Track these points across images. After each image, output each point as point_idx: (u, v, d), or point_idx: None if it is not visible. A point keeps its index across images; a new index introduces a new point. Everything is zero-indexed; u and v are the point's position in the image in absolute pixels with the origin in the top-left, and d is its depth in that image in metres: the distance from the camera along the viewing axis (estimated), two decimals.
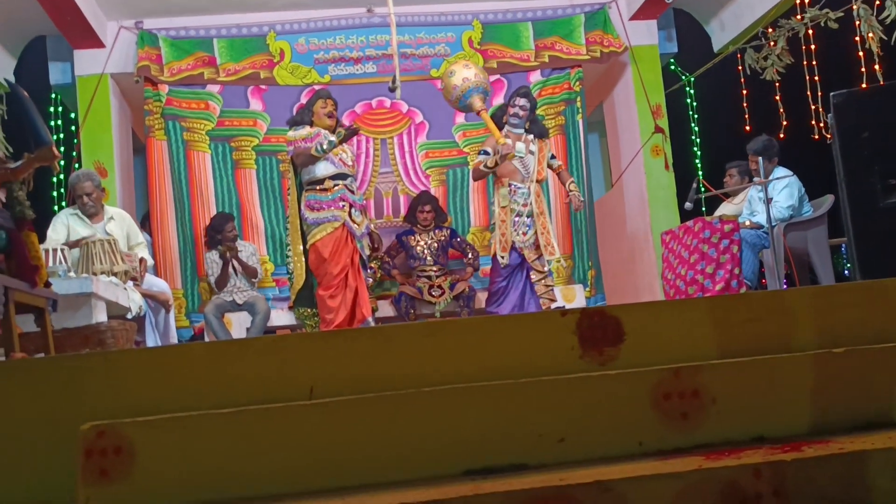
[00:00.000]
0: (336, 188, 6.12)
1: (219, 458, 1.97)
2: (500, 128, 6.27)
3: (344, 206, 6.11)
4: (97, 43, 7.40)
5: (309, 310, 6.38)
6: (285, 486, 1.96)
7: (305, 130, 6.13)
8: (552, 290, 6.41)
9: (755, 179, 6.20)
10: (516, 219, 6.23)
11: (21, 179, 2.98)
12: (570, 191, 6.44)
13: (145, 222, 7.40)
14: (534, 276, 6.26)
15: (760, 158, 5.62)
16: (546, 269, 6.32)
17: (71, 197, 5.84)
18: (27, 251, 2.97)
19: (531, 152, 6.35)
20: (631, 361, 2.33)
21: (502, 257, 6.24)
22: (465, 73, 6.29)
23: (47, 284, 3.18)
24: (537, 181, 6.34)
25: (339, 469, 2.00)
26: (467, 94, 6.26)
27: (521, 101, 6.38)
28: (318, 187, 6.14)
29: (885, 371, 2.24)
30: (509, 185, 6.29)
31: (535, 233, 6.23)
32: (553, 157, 6.60)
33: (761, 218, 5.90)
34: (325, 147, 5.99)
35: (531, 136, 6.38)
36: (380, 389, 2.17)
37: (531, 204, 6.25)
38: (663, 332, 2.41)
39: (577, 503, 1.73)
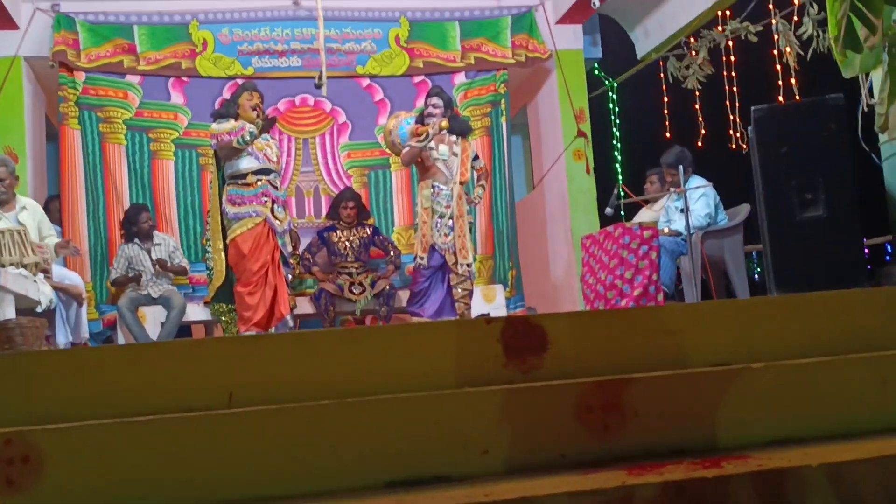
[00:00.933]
0: (259, 183, 6.01)
1: (133, 468, 1.91)
2: None
3: (266, 201, 6.00)
4: (11, 24, 7.14)
5: (225, 306, 6.26)
6: (202, 498, 1.91)
7: (230, 124, 5.99)
8: (469, 294, 6.38)
9: (672, 189, 6.30)
10: (438, 220, 6.22)
11: None
12: (477, 193, 6.51)
13: (47, 207, 7.11)
14: (453, 279, 6.25)
15: (680, 167, 5.72)
16: (462, 271, 6.26)
17: None
18: None
19: (454, 154, 6.34)
20: (554, 371, 2.33)
21: (421, 258, 6.22)
22: (393, 119, 6.81)
23: None
24: (460, 182, 6.33)
25: (258, 480, 1.95)
26: (402, 128, 6.57)
27: (434, 100, 6.39)
28: (240, 181, 6.01)
29: (797, 387, 2.29)
30: (432, 185, 6.27)
31: (455, 235, 6.23)
32: (476, 157, 6.61)
33: (679, 225, 6.00)
34: (246, 139, 5.88)
35: (454, 138, 6.37)
36: (301, 397, 2.13)
37: (453, 206, 6.24)
38: (587, 343, 2.42)
39: None
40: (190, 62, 7.43)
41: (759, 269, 10.05)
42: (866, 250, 6.60)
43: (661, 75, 8.00)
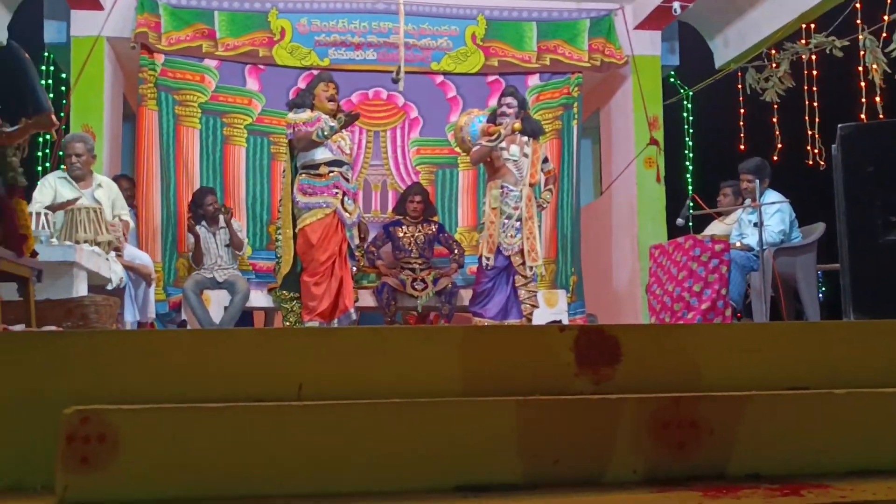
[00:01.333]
0: (331, 174, 6.03)
1: (205, 453, 1.91)
2: None
3: (337, 193, 6.02)
4: (95, 4, 7.27)
5: (288, 293, 6.28)
6: (271, 488, 1.91)
7: (306, 114, 6.03)
8: (535, 296, 6.37)
9: (748, 202, 6.18)
10: (505, 221, 6.19)
11: (16, 145, 2.91)
12: (544, 198, 6.46)
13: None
14: (518, 281, 6.22)
15: (757, 180, 5.61)
16: (530, 274, 6.27)
17: (56, 158, 5.74)
18: (16, 219, 2.89)
19: (525, 155, 6.31)
20: (626, 383, 2.29)
21: (487, 259, 6.20)
22: (465, 116, 6.88)
23: (34, 254, 3.10)
24: (530, 185, 6.30)
25: (327, 474, 1.94)
26: (473, 125, 6.58)
27: (508, 100, 6.37)
28: (312, 172, 6.05)
29: (881, 416, 2.22)
30: (502, 186, 6.24)
31: (523, 238, 6.20)
32: (546, 160, 6.57)
33: (752, 240, 5.89)
34: (325, 133, 5.91)
35: (525, 139, 6.33)
36: (371, 393, 2.12)
37: (521, 208, 6.21)
38: (660, 357, 2.38)
39: None
40: (267, 50, 7.50)
41: (823, 289, 9.82)
42: None
43: (739, 86, 7.84)
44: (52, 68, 7.80)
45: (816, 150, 6.98)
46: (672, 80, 8.65)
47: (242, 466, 1.91)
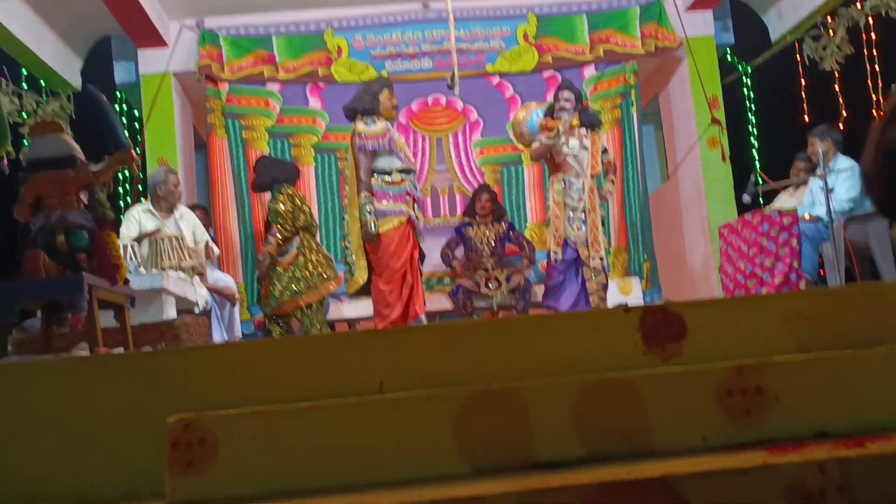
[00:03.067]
0: (404, 182, 6.03)
1: (297, 450, 2.06)
2: None
3: (409, 200, 6.04)
4: (160, 42, 7.58)
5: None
6: (361, 479, 2.04)
7: (379, 127, 5.98)
8: (604, 287, 6.34)
9: (818, 169, 6.13)
10: (570, 214, 6.26)
11: (102, 182, 3.12)
12: (605, 187, 6.49)
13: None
14: (586, 273, 6.26)
15: (820, 141, 5.55)
16: (595, 264, 6.23)
17: (136, 192, 6.00)
18: (108, 250, 3.10)
19: (585, 148, 6.36)
20: (693, 358, 2.37)
21: (555, 252, 6.27)
22: (523, 111, 6.94)
23: (125, 282, 3.32)
24: (591, 176, 6.35)
25: (411, 462, 2.07)
26: (532, 121, 6.67)
27: (566, 94, 6.43)
28: (387, 179, 6.00)
29: None
30: (563, 180, 6.32)
31: (587, 229, 6.25)
32: (605, 150, 6.60)
33: (821, 211, 5.84)
34: (367, 209, 5.87)
35: (584, 131, 6.38)
36: (448, 385, 2.24)
37: (585, 200, 6.27)
38: (726, 330, 2.45)
39: (645, 497, 1.79)
40: (326, 69, 7.71)
41: None
42: None
43: (798, 58, 7.78)
44: (124, 107, 8.15)
45: (882, 114, 6.88)
46: (729, 58, 8.60)
47: (331, 460, 2.05)
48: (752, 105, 8.65)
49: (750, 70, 8.65)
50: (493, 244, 7.08)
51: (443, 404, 2.11)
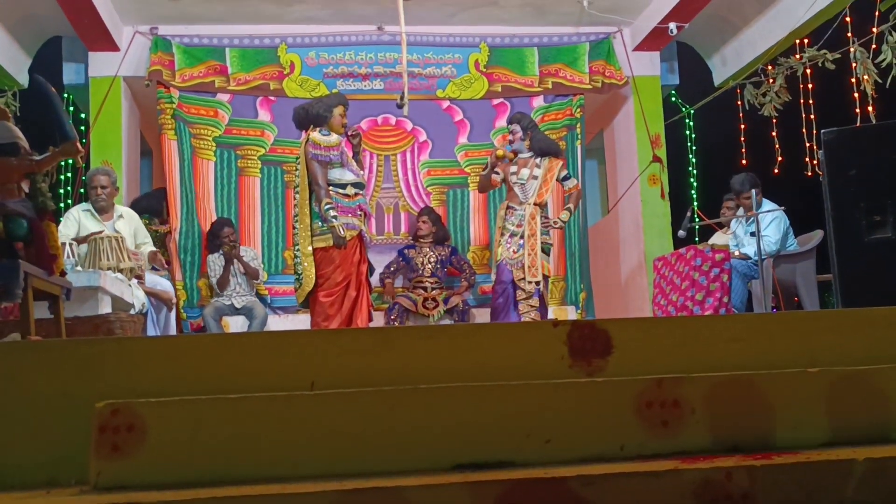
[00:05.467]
0: (357, 196, 6.04)
1: (225, 440, 2.08)
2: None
3: (360, 215, 6.05)
4: (112, 46, 7.55)
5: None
6: (286, 470, 2.07)
7: (333, 138, 5.98)
8: (536, 310, 6.37)
9: (741, 211, 6.35)
10: (509, 238, 6.37)
11: (44, 171, 3.12)
12: (560, 217, 6.59)
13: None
14: (519, 295, 6.33)
15: (753, 191, 5.78)
16: (529, 288, 6.30)
17: (78, 192, 5.96)
18: (47, 240, 3.10)
19: (534, 177, 6.45)
20: (618, 373, 2.45)
21: (493, 274, 6.41)
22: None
23: (62, 273, 3.31)
24: (536, 204, 6.42)
25: (336, 457, 2.11)
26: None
27: (512, 127, 6.58)
28: (341, 191, 5.98)
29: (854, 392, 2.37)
30: (508, 207, 6.45)
31: (525, 253, 6.33)
32: (567, 177, 6.65)
33: (749, 250, 6.05)
34: (331, 214, 5.87)
35: (538, 159, 6.48)
36: (378, 384, 2.29)
37: (524, 225, 6.36)
38: (650, 347, 2.54)
39: (558, 495, 1.85)
40: (278, 83, 7.75)
41: (835, 301, 9.88)
42: None
43: (739, 102, 8.03)
44: (72, 109, 8.08)
45: (815, 161, 7.13)
46: (673, 98, 8.84)
47: (258, 451, 2.08)
48: (693, 145, 8.88)
49: (693, 111, 8.89)
50: (434, 265, 7.15)
51: (370, 402, 2.16)
